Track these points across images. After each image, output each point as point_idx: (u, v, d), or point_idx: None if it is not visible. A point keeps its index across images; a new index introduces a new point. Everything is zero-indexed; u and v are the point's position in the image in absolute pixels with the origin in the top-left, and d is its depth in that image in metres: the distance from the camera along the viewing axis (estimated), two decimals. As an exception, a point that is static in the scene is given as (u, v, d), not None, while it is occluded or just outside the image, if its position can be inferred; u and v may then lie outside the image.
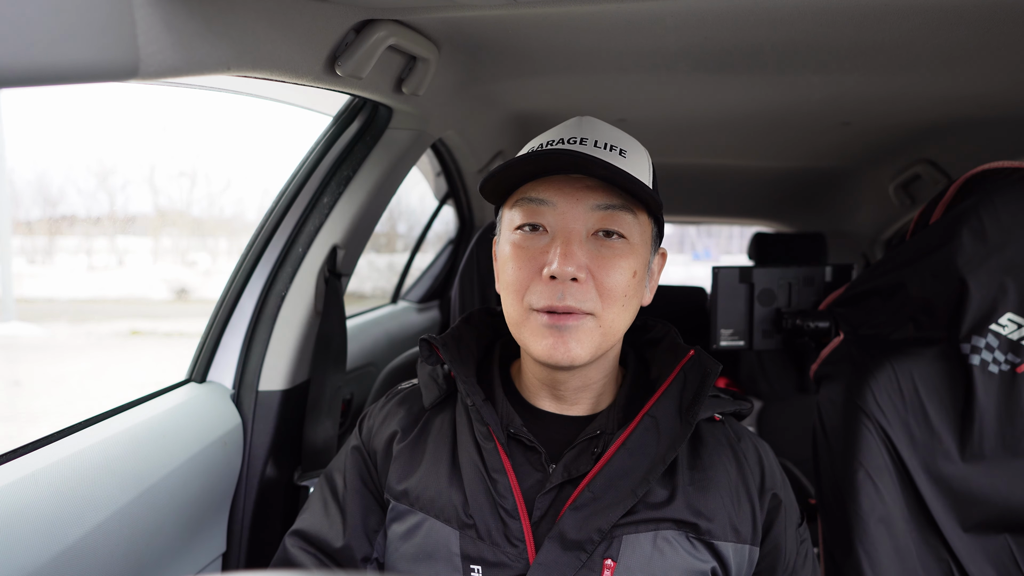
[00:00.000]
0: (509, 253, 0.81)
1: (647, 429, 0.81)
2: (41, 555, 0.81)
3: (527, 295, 0.78)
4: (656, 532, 0.78)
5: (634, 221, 0.80)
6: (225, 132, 26.14)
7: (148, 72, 0.59)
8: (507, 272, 0.81)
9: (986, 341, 1.02)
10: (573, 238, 0.77)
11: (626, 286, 0.79)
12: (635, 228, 0.80)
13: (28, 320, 9.42)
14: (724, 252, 21.12)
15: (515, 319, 0.81)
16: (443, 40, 1.12)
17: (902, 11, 0.95)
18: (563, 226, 0.78)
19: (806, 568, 0.89)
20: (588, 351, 0.78)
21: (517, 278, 0.79)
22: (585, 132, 0.82)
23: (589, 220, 0.78)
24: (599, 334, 0.78)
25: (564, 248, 0.76)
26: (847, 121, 1.73)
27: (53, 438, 0.97)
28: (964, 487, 1.03)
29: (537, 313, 0.78)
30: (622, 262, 0.78)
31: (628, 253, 0.79)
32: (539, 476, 0.81)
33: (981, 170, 1.07)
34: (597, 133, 0.82)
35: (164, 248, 15.07)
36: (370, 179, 1.39)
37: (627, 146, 0.83)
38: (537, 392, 0.88)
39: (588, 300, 0.77)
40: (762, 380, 2.82)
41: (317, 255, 1.37)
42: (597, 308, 0.77)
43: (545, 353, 0.77)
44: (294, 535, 0.89)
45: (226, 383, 1.34)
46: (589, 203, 0.78)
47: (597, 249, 0.78)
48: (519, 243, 0.80)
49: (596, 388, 0.87)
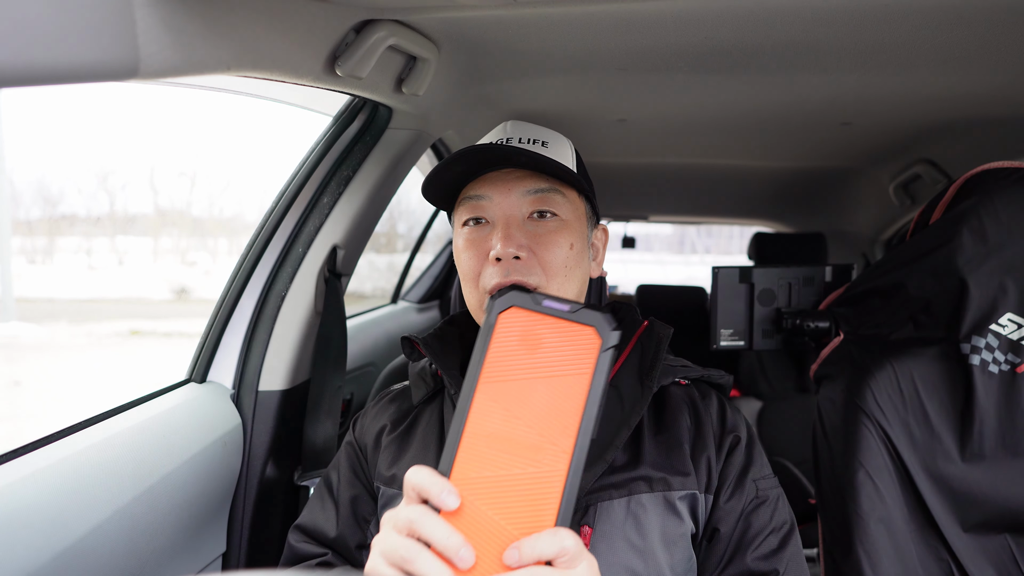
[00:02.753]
0: (461, 246, 0.91)
1: (610, 399, 0.87)
2: (41, 555, 0.81)
3: (480, 280, 0.87)
4: (629, 497, 0.82)
5: (564, 200, 0.89)
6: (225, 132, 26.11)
7: (148, 72, 0.59)
8: (462, 263, 0.90)
9: (986, 341, 1.02)
10: (511, 223, 0.87)
11: (565, 258, 0.87)
12: (566, 206, 0.89)
13: (28, 320, 9.43)
14: (724, 252, 21.12)
15: (475, 304, 0.90)
16: (443, 40, 1.12)
17: (902, 11, 0.95)
18: (501, 214, 0.88)
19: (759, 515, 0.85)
20: None
21: (470, 266, 0.88)
22: (509, 133, 0.93)
23: (523, 205, 0.88)
24: None
25: (504, 232, 0.85)
26: (847, 121, 1.73)
27: (53, 438, 0.97)
28: (964, 487, 1.03)
29: (489, 295, 0.85)
30: (557, 237, 0.87)
31: (562, 228, 0.88)
32: None
33: (981, 170, 1.07)
34: (520, 131, 0.93)
35: (164, 248, 15.09)
36: (370, 179, 1.39)
37: (548, 138, 0.94)
38: None
39: (533, 274, 0.85)
40: (762, 380, 2.82)
41: (317, 255, 1.37)
42: (542, 281, 0.86)
43: None
44: (295, 530, 0.94)
45: (226, 383, 1.34)
46: (520, 190, 0.88)
47: (534, 229, 0.88)
48: (468, 236, 0.90)
49: None
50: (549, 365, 0.61)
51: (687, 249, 23.13)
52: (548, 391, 0.61)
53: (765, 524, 0.85)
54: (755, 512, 0.85)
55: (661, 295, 3.43)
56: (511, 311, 0.63)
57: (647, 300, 3.39)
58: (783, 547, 0.85)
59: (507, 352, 0.62)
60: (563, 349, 0.62)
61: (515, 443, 0.59)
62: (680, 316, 3.24)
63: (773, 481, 0.89)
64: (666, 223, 4.61)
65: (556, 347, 0.62)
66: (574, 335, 0.62)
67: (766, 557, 0.83)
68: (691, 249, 22.99)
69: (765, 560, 0.83)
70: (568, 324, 0.62)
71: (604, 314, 0.60)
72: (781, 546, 0.85)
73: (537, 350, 0.62)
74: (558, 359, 0.61)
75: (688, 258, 21.29)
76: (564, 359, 0.62)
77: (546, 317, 0.62)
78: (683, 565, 0.83)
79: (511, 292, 0.62)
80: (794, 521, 0.88)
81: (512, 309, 0.63)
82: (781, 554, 0.84)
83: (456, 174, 0.88)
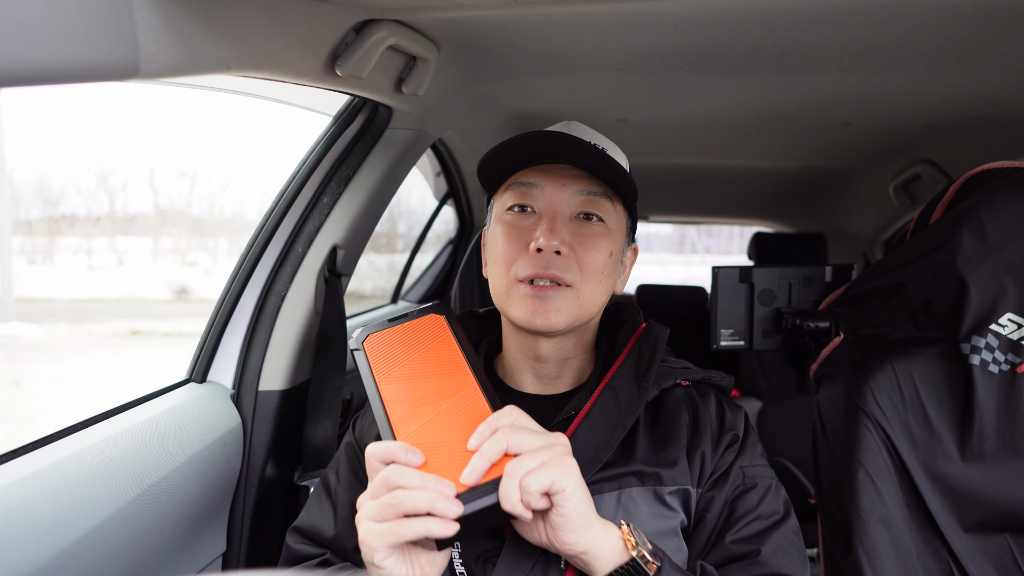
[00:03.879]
0: (500, 231, 0.90)
1: (607, 399, 0.87)
2: (41, 555, 0.81)
3: (514, 267, 0.87)
4: (620, 491, 0.82)
5: (612, 208, 0.90)
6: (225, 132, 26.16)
7: (148, 72, 0.59)
8: (497, 247, 0.89)
9: (986, 341, 1.02)
10: (559, 217, 0.86)
11: (603, 263, 0.88)
12: (612, 214, 0.90)
13: (28, 320, 9.43)
14: (724, 252, 21.13)
15: (501, 289, 0.89)
16: (443, 40, 1.12)
17: (902, 11, 0.95)
18: (550, 207, 0.87)
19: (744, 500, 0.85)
20: (566, 319, 0.86)
21: (506, 252, 0.88)
22: (570, 130, 0.92)
23: (573, 203, 0.88)
24: (577, 305, 0.86)
25: (550, 224, 0.85)
26: (847, 121, 1.73)
27: (53, 438, 0.97)
28: (964, 487, 1.02)
29: (521, 283, 0.86)
30: (600, 242, 0.87)
31: (606, 235, 0.88)
32: None
33: (981, 170, 1.07)
34: (581, 132, 0.93)
35: (164, 248, 15.09)
36: (370, 179, 1.39)
37: (607, 146, 0.94)
38: (520, 371, 0.95)
39: (570, 271, 0.85)
40: (762, 380, 2.82)
41: (317, 255, 1.37)
42: (577, 280, 0.86)
43: (526, 318, 0.85)
44: (293, 531, 0.93)
45: (226, 383, 1.34)
46: (573, 188, 0.87)
47: (579, 229, 0.87)
48: (510, 222, 0.89)
49: (575, 363, 0.95)
50: (420, 348, 0.80)
51: (687, 249, 23.14)
52: (430, 357, 0.79)
53: (750, 509, 0.84)
54: (740, 498, 0.85)
55: (661, 295, 3.43)
56: (369, 339, 0.80)
57: (647, 300, 3.39)
58: (768, 532, 0.83)
59: (385, 360, 0.78)
60: (422, 336, 0.81)
61: (428, 394, 0.75)
62: (680, 316, 3.25)
63: (766, 471, 0.88)
64: (666, 223, 4.62)
65: (417, 338, 0.80)
66: (424, 325, 0.82)
67: (747, 540, 0.82)
68: (691, 249, 22.99)
69: (745, 542, 0.82)
70: (415, 322, 0.82)
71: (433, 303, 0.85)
72: (766, 531, 0.83)
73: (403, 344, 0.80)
74: (423, 342, 0.80)
75: (688, 258, 21.28)
76: (427, 339, 0.80)
77: (397, 327, 0.81)
78: (675, 558, 0.82)
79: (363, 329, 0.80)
80: (789, 514, 0.86)
81: (370, 337, 0.80)
82: (764, 538, 0.82)
83: (516, 157, 0.87)
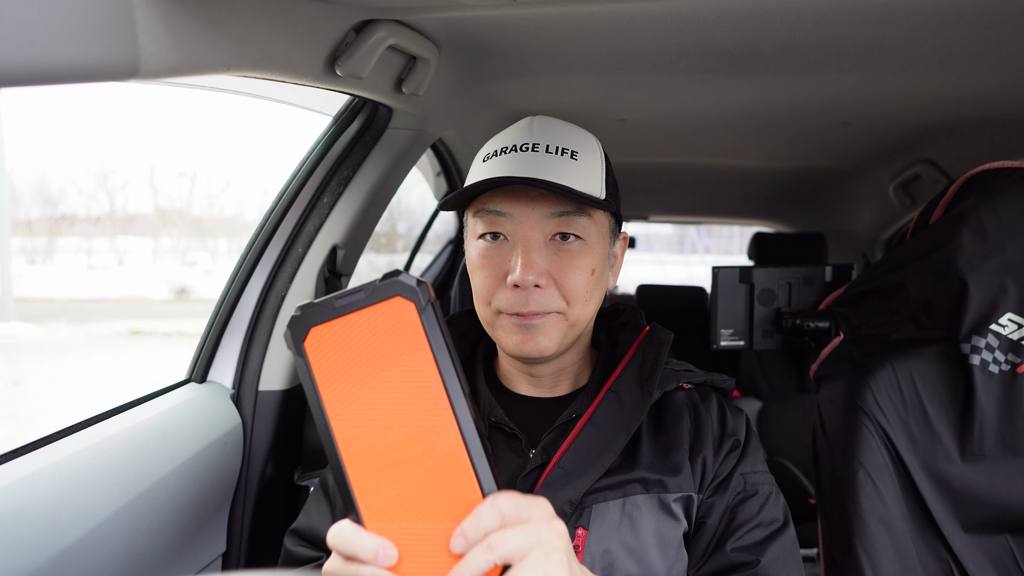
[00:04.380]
0: (476, 261, 0.86)
1: (610, 404, 0.85)
2: (41, 555, 0.81)
3: (494, 300, 0.83)
4: (624, 498, 0.81)
5: (589, 222, 0.83)
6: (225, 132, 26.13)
7: (148, 72, 0.59)
8: (476, 280, 0.86)
9: (986, 341, 1.02)
10: (532, 246, 0.81)
11: (586, 283, 0.83)
12: (591, 228, 0.84)
13: (28, 320, 9.43)
14: (724, 252, 21.12)
15: (487, 320, 0.87)
16: (443, 40, 1.12)
17: (902, 11, 0.95)
18: (522, 235, 0.81)
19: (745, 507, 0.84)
20: (556, 342, 0.83)
21: (484, 286, 0.84)
22: (536, 136, 0.84)
23: (546, 226, 0.82)
24: (565, 326, 0.84)
25: (524, 257, 0.80)
26: (847, 121, 1.73)
27: (53, 438, 0.97)
28: (964, 487, 1.02)
29: (506, 315, 0.83)
30: (580, 262, 0.83)
31: (585, 253, 0.83)
32: (520, 461, 0.86)
33: (981, 170, 1.07)
34: (548, 136, 0.84)
35: (164, 248, 15.09)
36: (370, 179, 1.39)
37: (578, 146, 0.85)
38: (516, 379, 0.93)
39: (552, 302, 0.81)
40: (762, 380, 2.82)
41: (317, 255, 1.37)
42: (562, 307, 0.82)
43: (516, 348, 0.83)
44: (291, 534, 0.92)
45: (226, 383, 1.34)
46: (544, 211, 0.81)
47: (556, 253, 0.82)
48: (483, 252, 0.84)
49: (572, 371, 0.93)
50: (382, 357, 0.56)
51: (687, 249, 23.14)
52: (397, 381, 0.56)
53: (751, 517, 0.83)
54: (741, 505, 0.84)
55: (661, 295, 3.43)
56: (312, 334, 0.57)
57: (647, 300, 3.39)
58: (768, 542, 0.82)
59: (334, 373, 0.56)
60: (384, 334, 0.56)
61: (399, 449, 0.55)
62: (680, 316, 3.25)
63: (766, 477, 0.87)
64: (666, 223, 4.62)
65: (376, 337, 0.56)
66: (385, 314, 0.56)
67: (747, 548, 0.81)
68: (691, 249, 23.00)
69: (746, 551, 0.81)
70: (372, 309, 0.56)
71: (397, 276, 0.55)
72: (766, 540, 0.82)
73: (361, 352, 0.56)
74: (386, 346, 0.56)
75: (688, 258, 21.28)
76: (391, 342, 0.56)
77: (348, 316, 0.56)
78: (679, 566, 0.82)
79: (300, 316, 0.55)
80: (788, 522, 0.85)
81: (311, 331, 0.57)
82: (764, 547, 0.81)
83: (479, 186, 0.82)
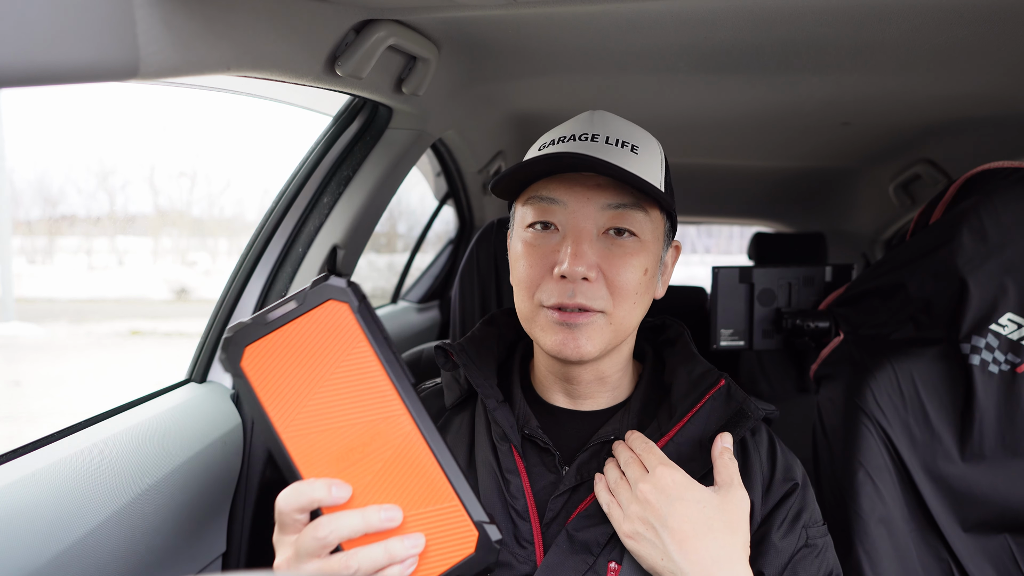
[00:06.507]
0: (521, 250, 0.81)
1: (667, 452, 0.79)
2: (41, 555, 0.81)
3: (538, 292, 0.78)
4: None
5: (645, 219, 0.79)
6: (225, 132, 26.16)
7: (148, 72, 0.59)
8: (519, 269, 0.81)
9: (986, 341, 1.02)
10: (584, 237, 0.76)
11: (637, 283, 0.78)
12: (647, 225, 0.79)
13: (28, 320, 9.42)
14: (724, 252, 21.13)
15: (526, 314, 0.81)
16: (443, 40, 1.12)
17: (902, 11, 0.95)
18: (574, 225, 0.77)
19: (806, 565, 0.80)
20: (598, 346, 0.78)
21: (528, 275, 0.79)
22: (597, 128, 0.81)
23: (600, 219, 0.78)
24: (610, 330, 0.79)
25: (575, 248, 0.75)
26: (847, 121, 1.73)
27: (53, 438, 0.97)
28: (964, 487, 1.02)
29: (548, 309, 0.78)
30: (633, 260, 0.78)
31: (639, 251, 0.79)
32: (552, 478, 0.81)
33: (981, 170, 1.07)
34: (609, 129, 0.82)
35: (164, 248, 15.09)
36: (370, 179, 1.39)
37: (639, 141, 0.82)
38: (551, 388, 0.88)
39: (599, 298, 0.77)
40: (762, 380, 2.82)
41: (317, 255, 1.37)
42: (608, 306, 0.77)
43: (555, 347, 0.78)
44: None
45: (226, 383, 1.34)
46: (600, 202, 0.77)
47: (608, 247, 0.78)
48: (530, 241, 0.80)
49: (611, 382, 0.86)
50: (323, 362, 0.57)
51: (687, 249, 23.14)
52: (342, 381, 0.57)
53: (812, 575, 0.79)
54: (803, 561, 0.79)
55: None
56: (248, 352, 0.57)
57: (647, 300, 3.39)
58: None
59: (277, 387, 0.57)
60: (322, 339, 0.57)
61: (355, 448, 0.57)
62: (680, 316, 3.23)
63: (823, 529, 0.83)
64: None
65: (315, 343, 0.57)
66: (320, 320, 0.57)
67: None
68: (691, 249, 23.00)
69: None
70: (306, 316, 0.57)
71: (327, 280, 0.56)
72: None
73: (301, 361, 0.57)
74: (326, 350, 0.57)
75: (688, 258, 21.29)
76: (330, 345, 0.57)
77: (282, 329, 0.57)
78: None
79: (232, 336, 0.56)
80: (838, 570, 0.82)
81: (247, 349, 0.57)
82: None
83: (536, 170, 0.78)
